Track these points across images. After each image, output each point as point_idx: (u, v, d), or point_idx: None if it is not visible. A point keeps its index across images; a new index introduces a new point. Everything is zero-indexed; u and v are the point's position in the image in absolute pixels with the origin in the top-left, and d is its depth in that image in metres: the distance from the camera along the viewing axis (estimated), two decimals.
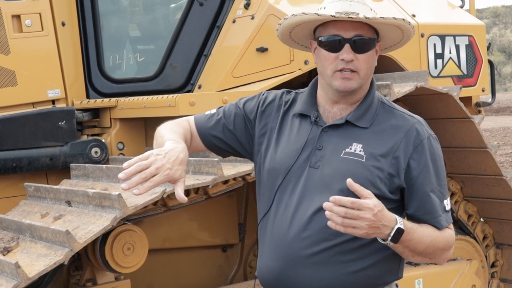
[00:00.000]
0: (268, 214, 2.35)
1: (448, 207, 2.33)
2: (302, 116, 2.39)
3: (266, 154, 2.40)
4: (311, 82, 2.43)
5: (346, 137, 2.30)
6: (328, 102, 2.36)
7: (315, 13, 2.26)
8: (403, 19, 2.30)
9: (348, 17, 2.22)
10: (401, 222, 2.16)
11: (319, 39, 2.31)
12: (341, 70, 2.26)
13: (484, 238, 5.35)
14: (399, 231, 2.14)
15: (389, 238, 2.14)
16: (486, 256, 5.32)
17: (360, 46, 2.25)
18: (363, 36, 2.26)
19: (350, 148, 2.28)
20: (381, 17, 2.26)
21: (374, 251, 2.26)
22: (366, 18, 2.23)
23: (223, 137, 2.45)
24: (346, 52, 2.24)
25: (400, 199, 2.32)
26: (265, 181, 2.38)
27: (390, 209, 2.22)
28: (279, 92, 2.50)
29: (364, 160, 2.25)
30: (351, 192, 2.15)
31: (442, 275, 4.94)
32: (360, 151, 2.27)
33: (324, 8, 2.28)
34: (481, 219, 5.34)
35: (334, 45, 2.26)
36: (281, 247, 2.28)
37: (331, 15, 2.23)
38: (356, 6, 2.25)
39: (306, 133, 2.34)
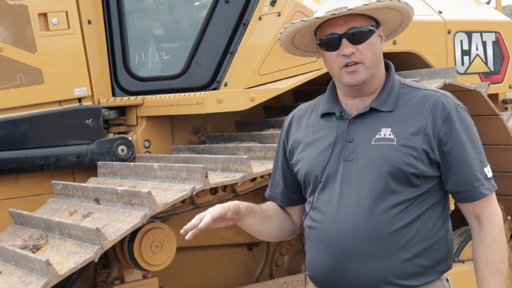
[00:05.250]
0: (311, 213, 2.36)
1: (489, 174, 2.30)
2: (328, 115, 2.41)
3: (299, 159, 2.42)
4: (330, 82, 2.46)
5: (373, 124, 2.30)
6: (348, 97, 2.38)
7: (302, 20, 2.31)
8: None
9: (331, 15, 2.25)
10: None
11: (318, 42, 2.35)
12: (346, 65, 2.28)
13: (511, 236, 5.30)
14: None
15: None
16: None
17: (357, 37, 2.27)
18: (357, 27, 2.27)
19: (380, 134, 2.27)
20: (364, 4, 2.26)
21: (421, 239, 2.25)
22: (348, 10, 2.24)
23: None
24: (345, 47, 2.28)
25: (440, 175, 2.30)
26: (307, 184, 2.40)
27: (432, 187, 2.26)
28: (300, 106, 2.56)
29: (395, 143, 2.24)
30: (389, 179, 2.20)
31: (470, 274, 4.83)
32: (390, 134, 2.26)
33: (316, 11, 2.33)
34: (508, 217, 5.29)
35: (333, 44, 2.30)
36: (328, 243, 2.28)
37: (315, 18, 2.29)
38: (343, 1, 2.27)
39: (334, 129, 2.35)
